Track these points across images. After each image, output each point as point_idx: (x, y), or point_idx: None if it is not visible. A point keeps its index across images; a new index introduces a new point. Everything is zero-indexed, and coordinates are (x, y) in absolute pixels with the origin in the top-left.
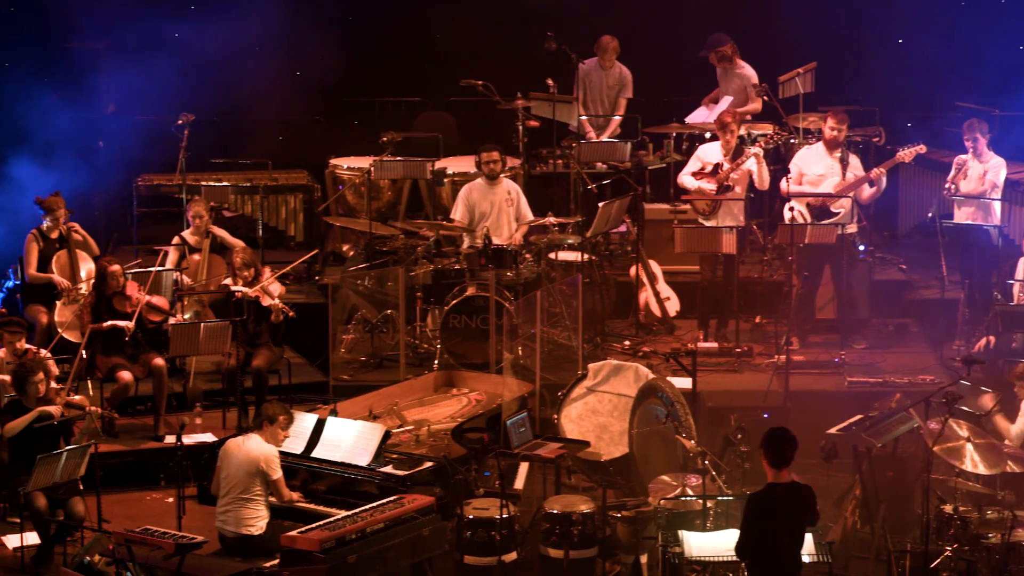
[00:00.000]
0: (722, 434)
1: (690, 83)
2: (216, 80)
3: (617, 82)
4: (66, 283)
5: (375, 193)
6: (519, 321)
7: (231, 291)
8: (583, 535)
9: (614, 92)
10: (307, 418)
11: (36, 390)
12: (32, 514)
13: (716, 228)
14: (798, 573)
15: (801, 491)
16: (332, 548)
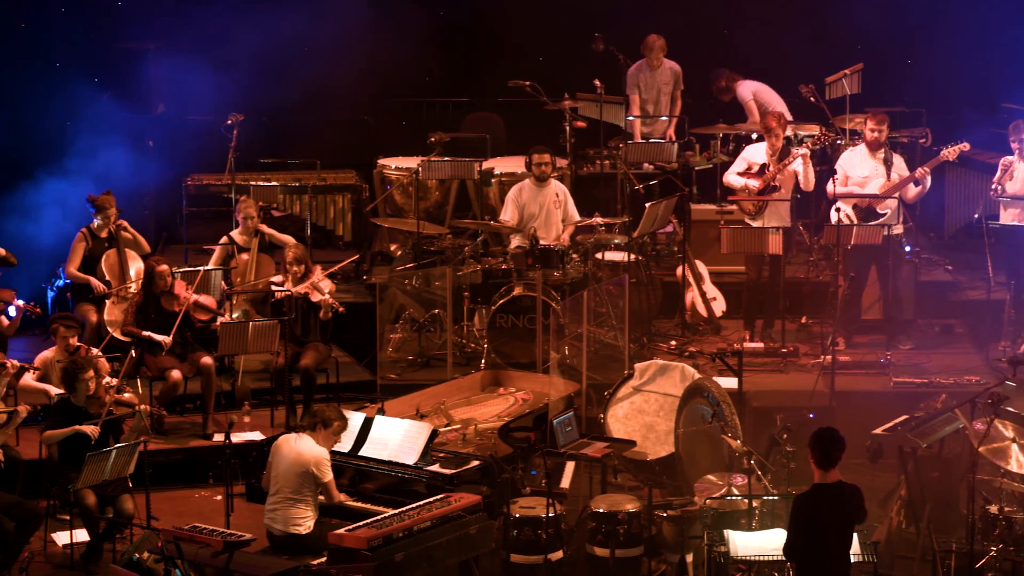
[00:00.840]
0: (768, 434)
1: None
2: (266, 81)
3: (669, 79)
4: (102, 287)
5: (423, 193)
6: (566, 321)
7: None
8: (629, 534)
9: (668, 89)
10: (355, 417)
11: (86, 387)
12: (82, 511)
13: (762, 229)
14: (846, 574)
15: (848, 491)
16: (379, 546)
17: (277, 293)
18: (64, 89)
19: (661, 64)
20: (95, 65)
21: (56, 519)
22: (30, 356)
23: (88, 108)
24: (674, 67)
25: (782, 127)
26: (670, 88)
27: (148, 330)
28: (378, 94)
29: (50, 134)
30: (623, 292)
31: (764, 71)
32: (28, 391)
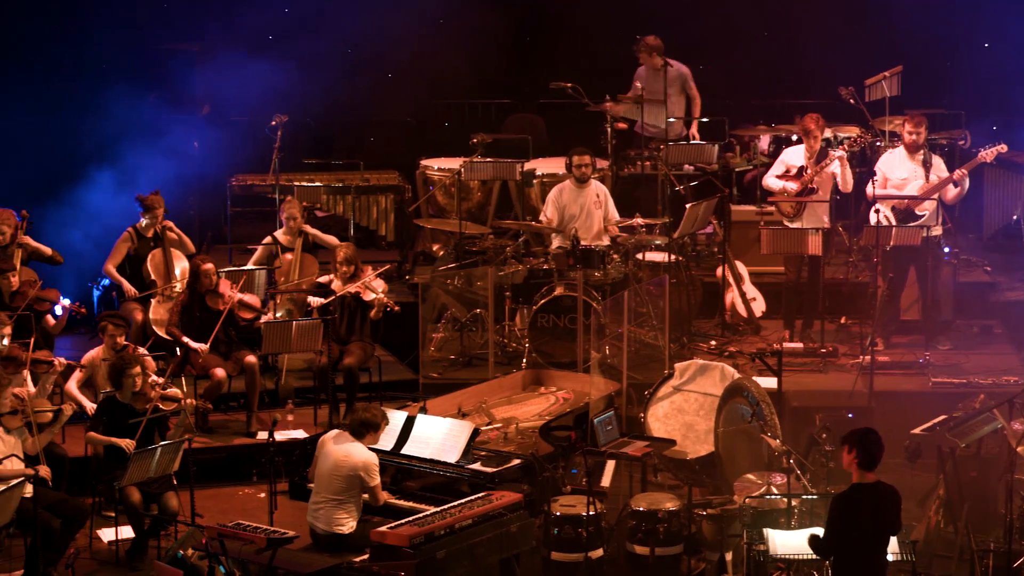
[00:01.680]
0: (807, 433)
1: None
2: (310, 82)
3: (674, 79)
4: (133, 291)
5: (465, 194)
6: (606, 321)
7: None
8: (669, 532)
9: (675, 89)
10: (397, 415)
11: (132, 384)
12: (127, 508)
13: (802, 230)
14: (883, 574)
15: (886, 492)
16: (421, 543)
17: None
18: (110, 90)
19: (660, 65)
20: (141, 67)
21: (101, 516)
22: (76, 355)
23: (134, 109)
24: (681, 68)
25: (820, 129)
26: (676, 89)
27: (193, 328)
28: (421, 95)
29: (96, 135)
30: (663, 292)
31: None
32: (69, 397)
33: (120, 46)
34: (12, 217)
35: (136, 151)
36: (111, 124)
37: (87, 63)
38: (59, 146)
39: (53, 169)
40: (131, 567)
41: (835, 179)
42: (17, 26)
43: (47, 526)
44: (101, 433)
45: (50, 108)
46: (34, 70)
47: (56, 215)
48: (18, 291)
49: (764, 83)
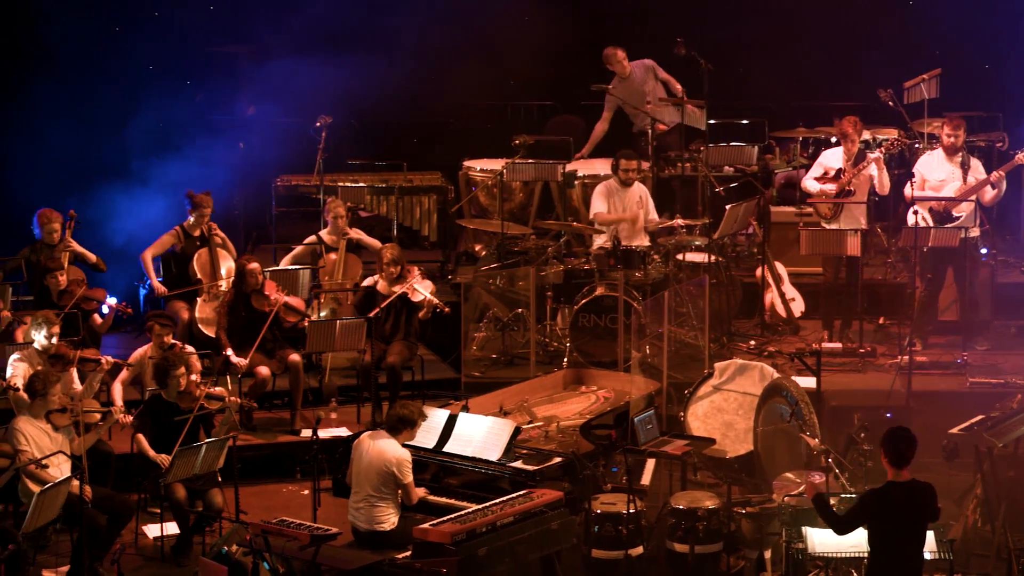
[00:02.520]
0: (845, 433)
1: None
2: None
3: (644, 75)
4: (162, 289)
5: (507, 195)
6: (647, 320)
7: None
8: (708, 530)
9: (649, 85)
10: (439, 414)
11: (177, 383)
12: (172, 505)
13: (841, 231)
14: (919, 572)
15: (920, 489)
16: (463, 540)
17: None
18: (157, 92)
19: (630, 71)
20: (187, 68)
21: (147, 512)
22: (123, 353)
23: (180, 110)
24: (645, 64)
25: (858, 132)
26: (651, 82)
27: (238, 328)
28: (464, 97)
29: (143, 136)
30: (703, 292)
31: (844, 76)
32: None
33: (166, 48)
34: (60, 217)
35: (182, 152)
36: (158, 125)
37: (134, 65)
38: (105, 147)
39: (99, 170)
40: (176, 563)
41: (872, 181)
42: (65, 28)
43: (93, 522)
44: (148, 430)
45: (97, 109)
46: (82, 71)
47: (102, 215)
48: (66, 290)
49: (803, 85)
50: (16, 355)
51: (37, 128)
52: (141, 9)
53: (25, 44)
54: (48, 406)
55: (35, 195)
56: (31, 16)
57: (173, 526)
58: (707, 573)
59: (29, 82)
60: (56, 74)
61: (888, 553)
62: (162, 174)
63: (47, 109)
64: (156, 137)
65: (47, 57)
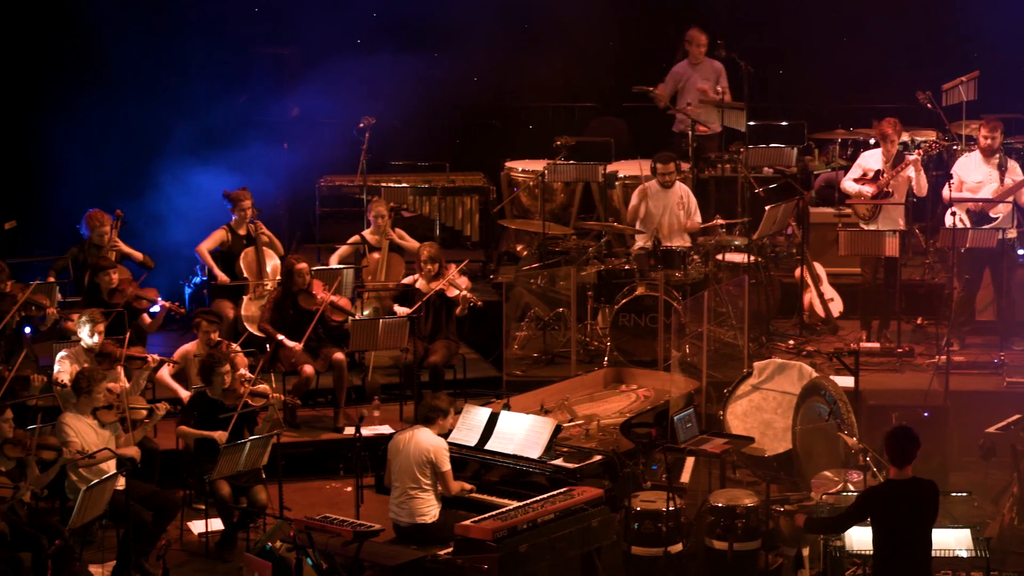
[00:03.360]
0: (883, 432)
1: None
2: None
3: (712, 77)
4: (224, 278)
5: (549, 195)
6: (687, 320)
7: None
8: (747, 528)
9: (711, 86)
10: (481, 412)
11: (222, 381)
12: (217, 501)
13: (879, 231)
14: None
15: (922, 487)
16: (504, 537)
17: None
18: (202, 92)
19: (702, 62)
20: (232, 70)
21: (192, 508)
22: (168, 351)
23: (225, 111)
24: (716, 65)
25: (897, 134)
26: (711, 84)
27: (285, 326)
28: (506, 98)
29: (188, 136)
30: (743, 292)
31: (882, 78)
32: (162, 386)
33: (211, 49)
34: (108, 217)
35: (227, 153)
36: (203, 126)
37: (179, 67)
38: (151, 148)
39: (146, 170)
40: (221, 559)
41: (910, 183)
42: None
43: (139, 518)
44: (192, 428)
45: (142, 111)
46: (129, 74)
47: (148, 216)
48: (117, 288)
49: (842, 88)
50: (63, 352)
51: (85, 130)
52: (186, 12)
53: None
54: (94, 403)
55: (83, 196)
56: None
57: (218, 522)
58: (745, 570)
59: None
60: (104, 77)
61: (890, 551)
62: (207, 175)
63: (95, 111)
64: (201, 138)
65: (95, 60)
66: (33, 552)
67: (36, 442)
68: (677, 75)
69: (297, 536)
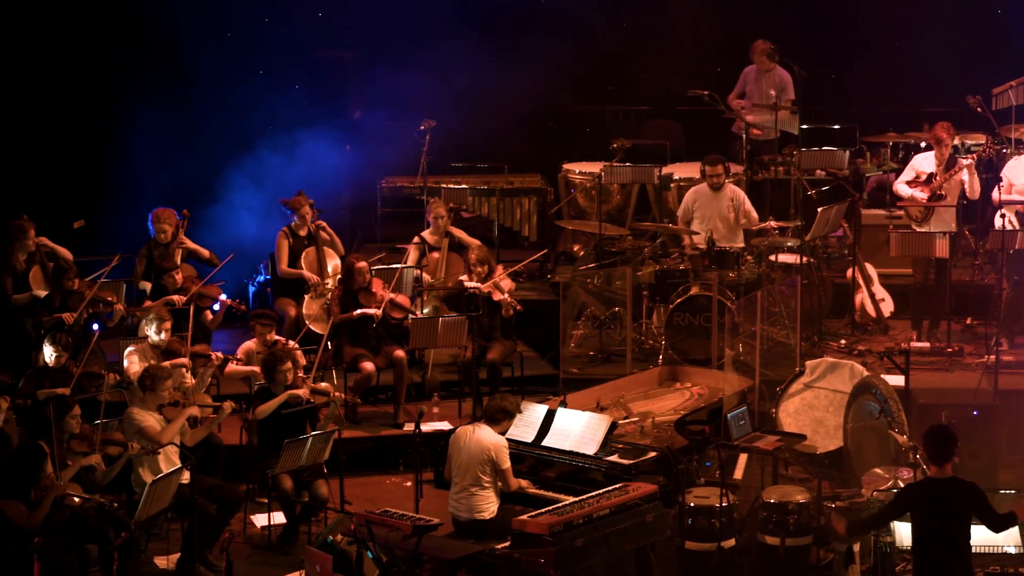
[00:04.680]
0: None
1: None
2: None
3: (778, 85)
4: (315, 278)
5: (605, 197)
6: (740, 319)
7: (465, 287)
8: (799, 523)
9: (776, 94)
10: (538, 409)
11: (284, 378)
12: (279, 495)
13: (930, 233)
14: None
15: (961, 487)
16: (560, 532)
17: (470, 288)
18: (267, 95)
19: (772, 69)
20: (297, 72)
21: (255, 502)
22: (231, 348)
23: (289, 113)
24: (783, 74)
25: (951, 138)
26: (777, 94)
27: (346, 324)
28: (563, 101)
29: (254, 138)
30: (795, 293)
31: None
32: (236, 376)
33: (277, 53)
34: (173, 216)
35: (290, 154)
36: (264, 127)
37: (244, 71)
38: (217, 149)
39: (211, 171)
40: (283, 551)
41: (963, 186)
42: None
43: (204, 511)
44: (256, 425)
45: (209, 114)
46: (197, 77)
47: (214, 215)
48: (181, 287)
49: (894, 92)
50: (130, 348)
51: (155, 131)
52: (253, 17)
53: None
54: (159, 400)
55: (152, 196)
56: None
57: (280, 516)
58: (797, 565)
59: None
60: (173, 81)
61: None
62: (272, 176)
63: (165, 113)
64: (266, 140)
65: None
66: (100, 544)
67: (102, 437)
68: (745, 77)
69: (358, 530)
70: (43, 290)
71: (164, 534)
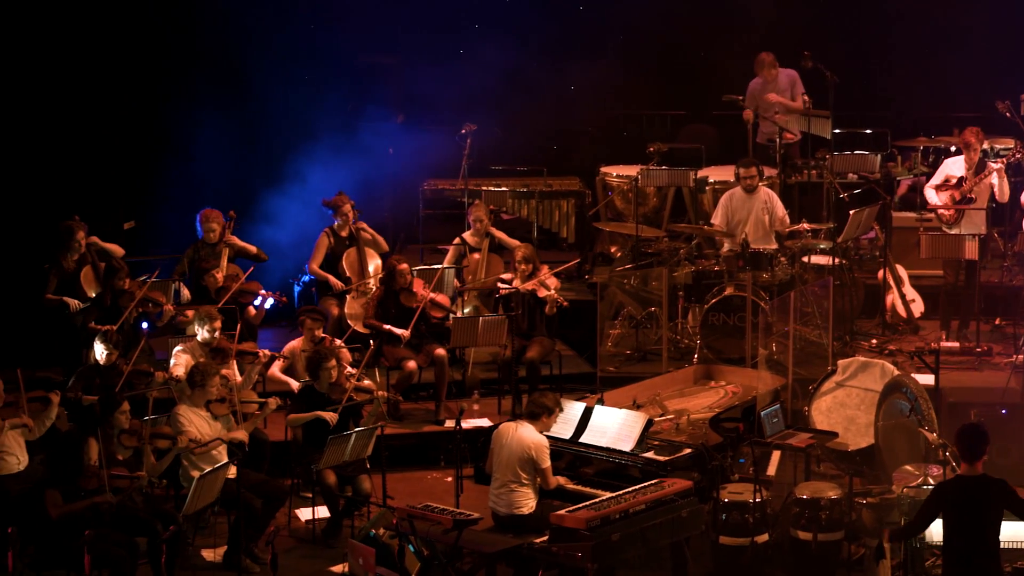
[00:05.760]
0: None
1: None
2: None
3: (787, 86)
4: (340, 284)
5: (641, 199)
6: (773, 319)
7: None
8: (830, 519)
9: (787, 96)
10: (576, 406)
11: (328, 375)
12: (323, 490)
13: (959, 235)
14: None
15: (992, 484)
16: (597, 526)
17: (502, 289)
18: (312, 99)
19: (776, 77)
20: (341, 78)
21: (300, 497)
22: (277, 346)
23: (334, 117)
24: (790, 74)
25: (980, 142)
26: (788, 95)
27: (387, 323)
28: (602, 107)
29: (297, 141)
30: (827, 293)
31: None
32: (274, 381)
33: (322, 58)
34: (220, 216)
35: (334, 157)
36: (312, 131)
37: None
38: (263, 151)
39: (260, 173)
40: (327, 544)
41: (992, 189)
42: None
43: (249, 505)
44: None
45: (254, 116)
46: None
47: (261, 215)
48: (223, 286)
49: (924, 97)
50: (179, 346)
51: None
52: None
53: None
54: (207, 396)
55: (205, 196)
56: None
57: (324, 510)
58: (829, 560)
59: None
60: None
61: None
62: (316, 177)
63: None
64: (310, 142)
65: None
66: (149, 537)
67: (151, 432)
68: (752, 92)
69: (400, 524)
70: (94, 290)
71: (211, 528)
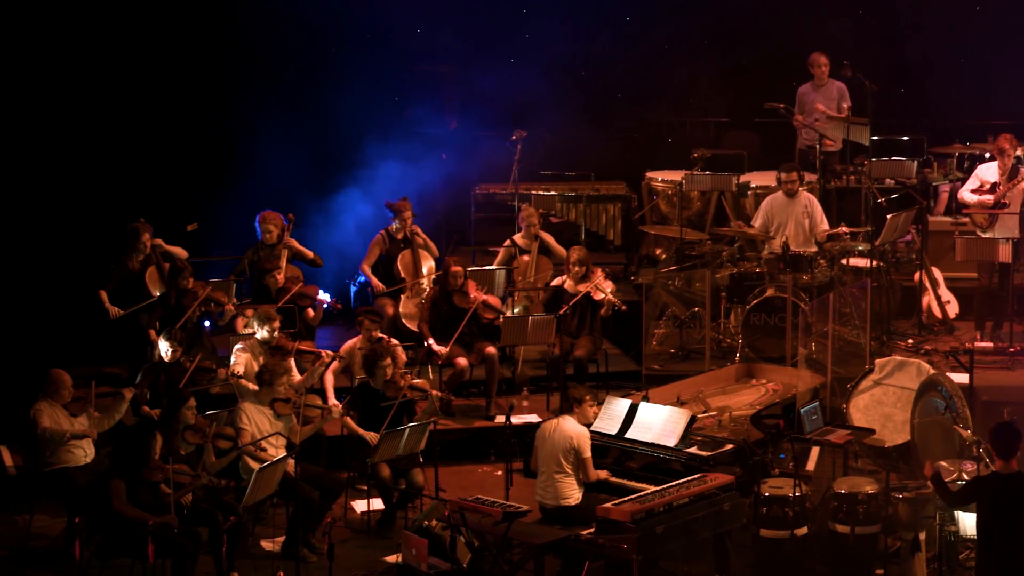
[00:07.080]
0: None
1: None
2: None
3: (836, 96)
4: (381, 286)
5: (686, 203)
6: (813, 320)
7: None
8: (868, 513)
9: (834, 105)
10: (622, 403)
11: (384, 373)
12: (378, 483)
13: (994, 239)
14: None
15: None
16: (642, 519)
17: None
18: (368, 107)
19: (826, 83)
20: (396, 86)
21: (355, 489)
22: (334, 345)
23: (389, 125)
24: (839, 85)
25: (1013, 148)
26: (835, 106)
27: (439, 322)
28: (648, 113)
29: (355, 147)
30: (865, 294)
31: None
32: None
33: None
34: (279, 219)
35: (390, 162)
36: (369, 138)
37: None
38: (321, 156)
39: (319, 178)
40: (381, 535)
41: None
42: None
43: (307, 497)
44: (356, 416)
45: (314, 123)
46: (301, 88)
47: (320, 219)
48: (283, 287)
49: (959, 105)
50: (239, 345)
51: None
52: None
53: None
54: (274, 394)
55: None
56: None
57: (379, 502)
58: (866, 552)
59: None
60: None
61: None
62: (373, 183)
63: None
64: (367, 149)
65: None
66: (210, 527)
67: (214, 431)
68: (802, 96)
69: (451, 515)
70: (158, 289)
71: (270, 519)
